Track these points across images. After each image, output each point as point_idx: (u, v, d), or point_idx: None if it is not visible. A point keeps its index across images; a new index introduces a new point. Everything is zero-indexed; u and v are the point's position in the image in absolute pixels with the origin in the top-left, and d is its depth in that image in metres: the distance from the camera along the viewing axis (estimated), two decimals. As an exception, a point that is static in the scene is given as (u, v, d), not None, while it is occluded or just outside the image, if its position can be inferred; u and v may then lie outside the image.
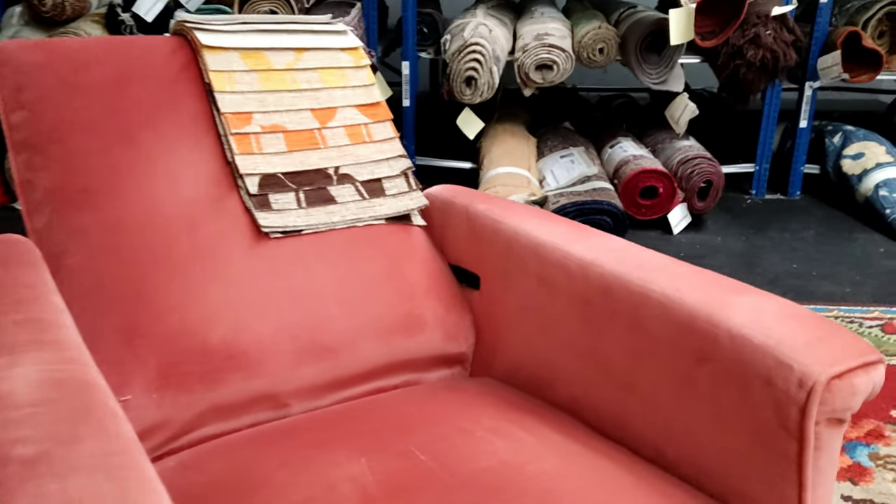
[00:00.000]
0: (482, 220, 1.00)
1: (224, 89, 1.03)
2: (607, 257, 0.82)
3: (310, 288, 0.96)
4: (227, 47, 1.05)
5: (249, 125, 1.02)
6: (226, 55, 1.05)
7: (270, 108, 1.04)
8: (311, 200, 1.01)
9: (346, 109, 1.10)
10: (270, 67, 1.07)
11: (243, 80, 1.05)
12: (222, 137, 1.01)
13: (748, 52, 2.28)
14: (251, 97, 1.04)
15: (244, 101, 1.03)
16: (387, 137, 1.11)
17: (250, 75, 1.05)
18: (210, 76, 1.03)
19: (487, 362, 1.02)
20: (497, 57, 2.46)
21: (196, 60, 1.06)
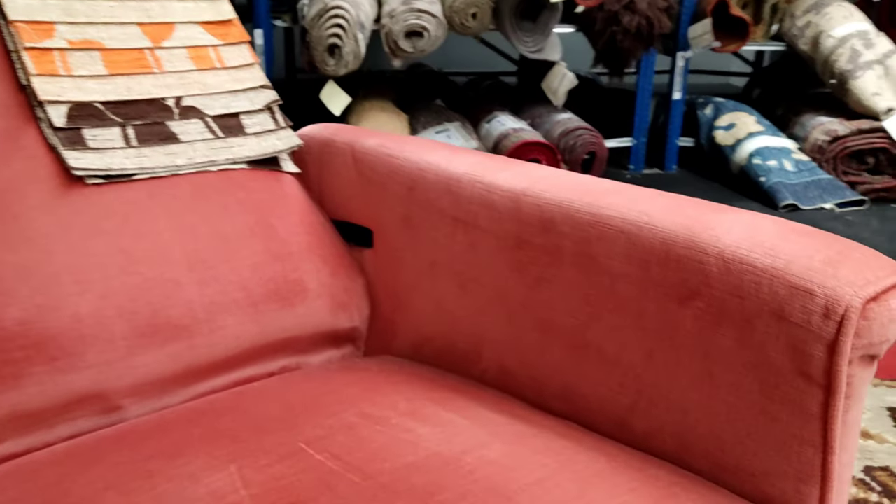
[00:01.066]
0: (373, 159, 0.80)
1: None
2: (544, 184, 0.64)
3: (147, 248, 0.71)
4: None
5: (51, 38, 0.76)
6: None
7: (81, 19, 0.79)
8: (145, 138, 0.77)
9: (187, 26, 0.86)
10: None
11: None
12: (12, 54, 0.74)
13: (624, 18, 2.21)
14: (52, 4, 0.78)
15: (42, 8, 0.77)
16: (244, 63, 0.88)
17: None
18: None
19: (386, 337, 0.81)
20: (361, 23, 2.25)
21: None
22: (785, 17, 2.49)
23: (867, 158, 2.26)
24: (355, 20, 2.21)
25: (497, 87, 3.11)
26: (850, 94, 2.28)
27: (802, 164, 2.22)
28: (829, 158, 2.24)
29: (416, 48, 2.30)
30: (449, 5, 2.30)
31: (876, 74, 2.26)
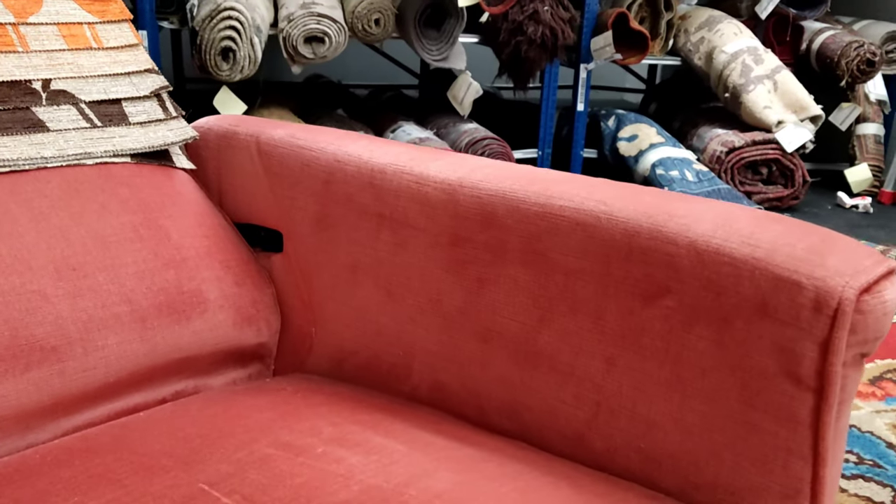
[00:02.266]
0: (283, 152, 0.70)
1: None
2: (482, 174, 0.57)
3: (7, 254, 0.59)
4: None
5: None
6: None
7: None
8: (5, 126, 0.64)
9: (58, 1, 0.74)
10: None
11: None
12: None
13: (528, 28, 2.20)
14: None
15: None
16: (125, 44, 0.77)
17: None
18: None
19: (300, 353, 0.71)
20: (258, 26, 2.13)
21: None
22: (679, 32, 2.56)
23: (761, 169, 2.34)
24: (250, 23, 2.09)
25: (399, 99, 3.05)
26: (743, 107, 2.35)
27: (703, 175, 2.27)
28: (726, 169, 2.30)
29: (316, 54, 2.20)
30: (351, 11, 2.22)
31: (766, 88, 2.35)
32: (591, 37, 2.43)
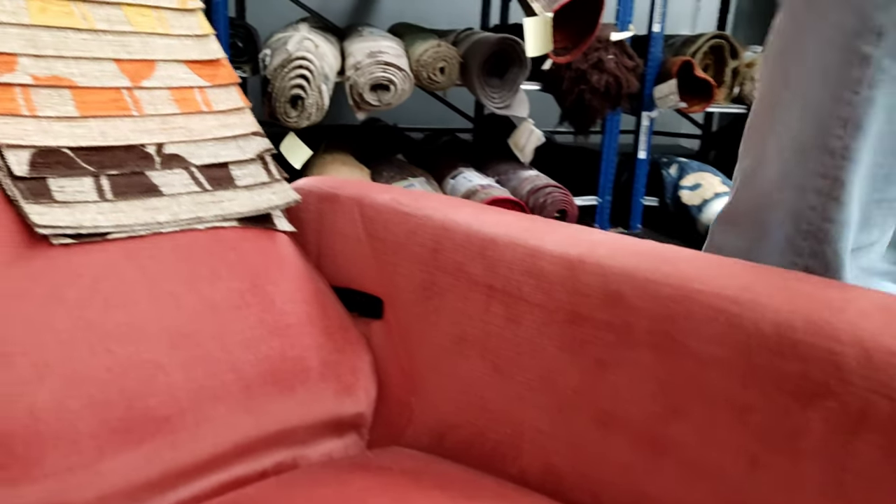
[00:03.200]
0: (387, 218, 0.70)
1: None
2: (605, 250, 0.55)
3: (121, 321, 0.59)
4: None
5: (12, 73, 0.64)
6: None
7: (48, 52, 0.67)
8: (122, 190, 0.65)
9: (170, 65, 0.75)
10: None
11: (1, 7, 0.67)
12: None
13: (592, 76, 2.20)
14: (14, 32, 0.66)
15: (3, 37, 0.65)
16: (233, 107, 0.78)
17: (12, 1, 0.68)
18: None
19: (398, 425, 0.70)
20: (326, 75, 2.17)
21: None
22: (745, 80, 2.53)
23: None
24: (320, 71, 2.13)
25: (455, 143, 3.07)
26: (811, 158, 2.30)
27: (769, 226, 2.22)
28: (794, 220, 2.25)
29: (381, 101, 2.23)
30: (416, 59, 2.25)
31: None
32: (655, 84, 2.41)
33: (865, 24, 0.51)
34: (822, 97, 0.54)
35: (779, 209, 0.58)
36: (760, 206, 0.59)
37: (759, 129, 0.61)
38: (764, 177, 0.59)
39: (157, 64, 0.74)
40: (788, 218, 0.58)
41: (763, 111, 0.60)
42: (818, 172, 0.55)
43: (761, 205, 0.59)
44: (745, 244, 0.61)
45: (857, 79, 0.52)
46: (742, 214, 0.61)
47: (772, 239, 0.59)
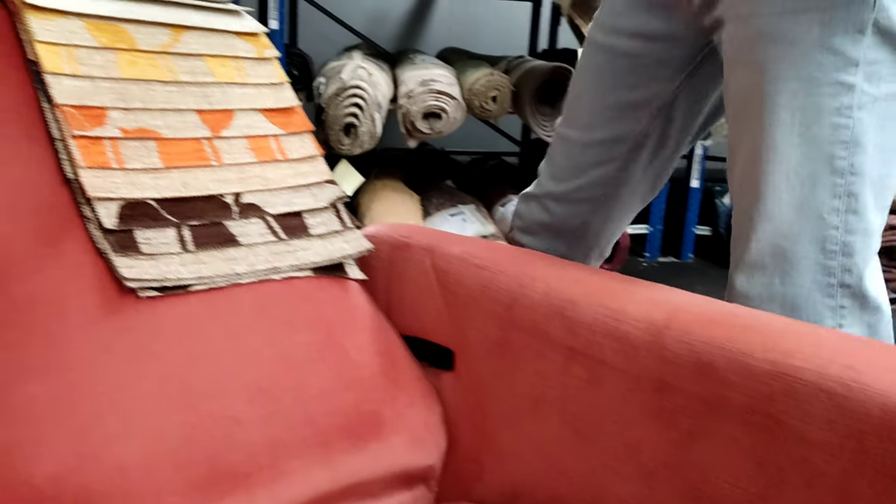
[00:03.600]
0: (460, 270, 0.70)
1: (60, 70, 0.66)
2: (690, 316, 0.54)
3: (204, 376, 0.60)
4: (66, 11, 0.69)
5: (102, 126, 0.66)
6: (64, 22, 0.69)
7: (136, 105, 0.69)
8: (202, 241, 0.66)
9: (247, 114, 0.77)
10: (135, 47, 0.72)
11: (93, 61, 0.68)
12: (57, 143, 0.64)
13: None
14: (105, 86, 0.68)
15: (94, 91, 0.67)
16: (306, 155, 0.79)
17: (104, 55, 0.69)
18: (38, 50, 0.66)
19: (467, 480, 0.69)
20: (379, 103, 2.20)
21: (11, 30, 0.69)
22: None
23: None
24: (373, 100, 2.15)
25: (502, 168, 3.07)
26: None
27: (828, 259, 2.17)
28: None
29: (433, 129, 2.24)
30: (469, 87, 2.26)
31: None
32: (709, 114, 2.38)
33: (845, 60, 0.61)
34: (819, 127, 0.62)
35: (802, 238, 0.63)
36: (782, 241, 0.64)
37: (753, 169, 0.65)
38: (776, 213, 0.63)
39: (236, 113, 0.75)
40: (813, 244, 0.63)
41: (757, 151, 0.64)
42: (832, 194, 0.62)
43: (782, 239, 0.63)
44: (776, 282, 0.64)
45: (847, 105, 0.61)
46: (766, 255, 0.65)
47: (800, 269, 0.64)
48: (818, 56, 0.61)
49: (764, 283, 0.65)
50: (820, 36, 0.61)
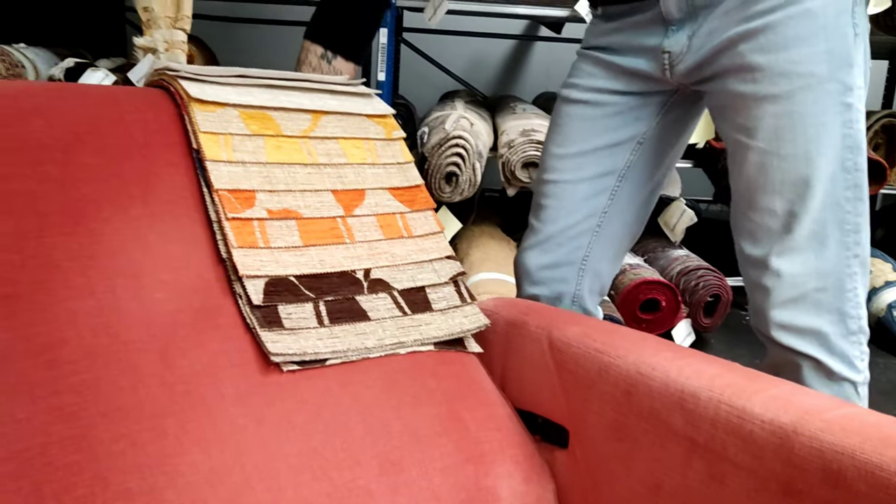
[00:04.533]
0: (577, 353, 0.72)
1: (219, 158, 0.73)
2: (820, 422, 0.55)
3: (338, 448, 0.64)
4: (224, 103, 0.77)
5: (252, 208, 0.73)
6: (222, 113, 0.76)
7: (280, 187, 0.76)
8: (336, 316, 0.71)
9: (377, 193, 0.82)
10: (280, 133, 0.79)
11: (245, 148, 0.76)
12: (214, 224, 0.71)
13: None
14: (255, 171, 0.75)
15: (245, 175, 0.74)
16: (429, 232, 0.83)
17: (254, 141, 0.77)
18: (200, 139, 0.73)
19: (581, 556, 0.71)
20: (480, 152, 2.25)
21: (178, 120, 0.77)
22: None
23: None
24: (474, 150, 2.21)
25: (600, 214, 3.06)
26: None
27: (949, 321, 2.05)
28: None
29: (532, 178, 2.28)
30: (569, 138, 2.29)
31: None
32: (818, 166, 2.32)
33: (844, 84, 0.80)
34: (832, 137, 0.80)
35: (828, 222, 0.81)
36: (816, 227, 0.81)
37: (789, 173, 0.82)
38: (812, 207, 0.81)
39: (367, 192, 0.81)
40: (836, 226, 0.82)
41: (793, 162, 0.81)
42: (846, 185, 0.81)
43: (816, 224, 0.81)
44: (812, 258, 0.82)
45: (849, 119, 0.80)
46: (804, 239, 0.82)
47: (829, 247, 0.82)
48: (829, 84, 0.79)
49: (803, 260, 0.82)
50: (829, 71, 0.79)
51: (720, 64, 0.84)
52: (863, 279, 0.84)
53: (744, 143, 0.83)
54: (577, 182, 0.95)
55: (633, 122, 0.93)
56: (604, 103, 0.93)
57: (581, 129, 0.94)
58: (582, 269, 0.99)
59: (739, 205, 0.87)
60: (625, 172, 0.95)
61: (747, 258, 0.87)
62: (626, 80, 0.92)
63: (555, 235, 0.97)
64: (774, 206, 0.82)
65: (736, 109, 0.84)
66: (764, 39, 0.79)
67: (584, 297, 1.00)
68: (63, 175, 0.69)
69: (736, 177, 0.86)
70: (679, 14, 0.85)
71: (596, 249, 0.98)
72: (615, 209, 0.97)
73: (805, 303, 0.82)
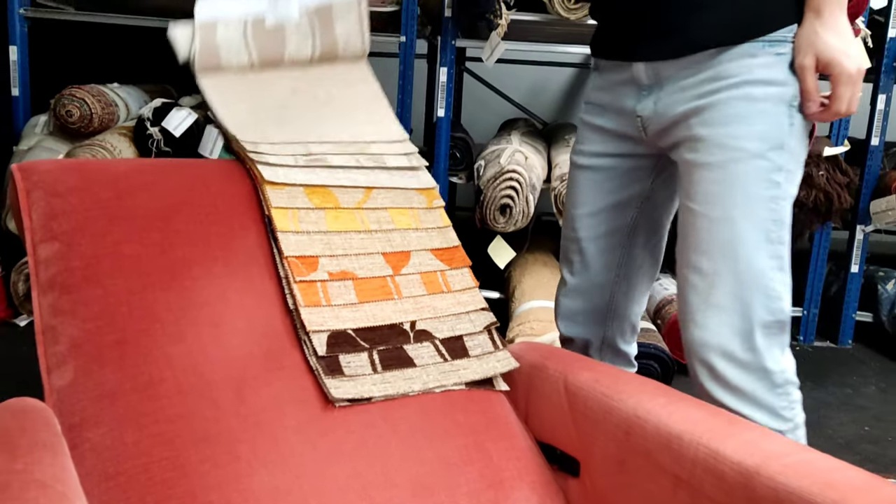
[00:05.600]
0: (587, 395, 0.83)
1: (288, 229, 0.88)
2: (778, 465, 0.65)
3: (378, 472, 0.77)
4: (291, 184, 0.92)
5: (316, 272, 0.87)
6: (290, 191, 0.91)
7: (338, 252, 0.90)
8: (388, 363, 0.85)
9: (420, 254, 0.96)
10: (338, 206, 0.94)
11: (309, 219, 0.91)
12: (283, 283, 0.86)
13: (800, 192, 2.18)
14: (317, 238, 0.90)
15: (310, 243, 0.89)
16: (466, 287, 0.96)
17: (317, 213, 0.91)
18: (273, 213, 0.88)
19: (588, 573, 0.82)
20: (533, 185, 2.37)
21: (255, 191, 0.92)
22: (978, 194, 2.36)
23: None
24: (528, 183, 2.32)
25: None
26: None
27: None
28: None
29: (584, 210, 2.37)
30: (619, 172, 2.37)
31: None
32: (871, 198, 2.34)
33: (774, 164, 0.86)
34: (757, 207, 0.87)
35: (751, 286, 0.88)
36: (740, 286, 0.88)
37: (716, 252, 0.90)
38: (735, 268, 0.88)
39: (412, 253, 0.94)
40: (759, 291, 0.88)
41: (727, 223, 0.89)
42: (769, 255, 0.88)
43: (740, 284, 0.88)
44: (737, 318, 0.89)
45: (775, 195, 0.87)
46: (730, 295, 0.90)
47: (753, 308, 0.88)
48: (758, 161, 0.87)
49: (727, 320, 0.89)
50: (760, 149, 0.86)
51: (676, 134, 0.92)
52: (784, 339, 0.90)
53: (685, 206, 0.92)
54: (594, 239, 1.05)
55: (631, 184, 1.03)
56: (604, 168, 1.02)
57: (589, 191, 1.04)
58: (609, 315, 1.09)
59: (678, 261, 0.94)
60: (634, 227, 1.05)
61: (680, 311, 0.93)
62: (617, 143, 1.01)
63: (580, 287, 1.07)
64: (702, 265, 0.89)
65: (682, 175, 0.93)
66: (708, 115, 0.88)
67: (614, 338, 1.10)
68: (162, 240, 0.85)
69: (679, 237, 0.94)
70: (647, 80, 0.94)
71: (619, 296, 1.09)
72: (630, 259, 1.06)
73: (730, 361, 0.87)
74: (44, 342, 0.75)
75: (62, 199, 0.83)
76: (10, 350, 1.98)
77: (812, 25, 0.86)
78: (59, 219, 0.82)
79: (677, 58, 0.91)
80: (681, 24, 0.90)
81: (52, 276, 0.79)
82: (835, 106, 0.85)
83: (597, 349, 1.10)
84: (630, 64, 0.95)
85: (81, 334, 0.76)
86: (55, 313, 0.76)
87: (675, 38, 0.91)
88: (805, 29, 0.86)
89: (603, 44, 1.02)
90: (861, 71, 0.84)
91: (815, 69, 0.85)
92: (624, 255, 1.06)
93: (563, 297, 1.11)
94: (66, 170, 0.87)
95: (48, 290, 0.78)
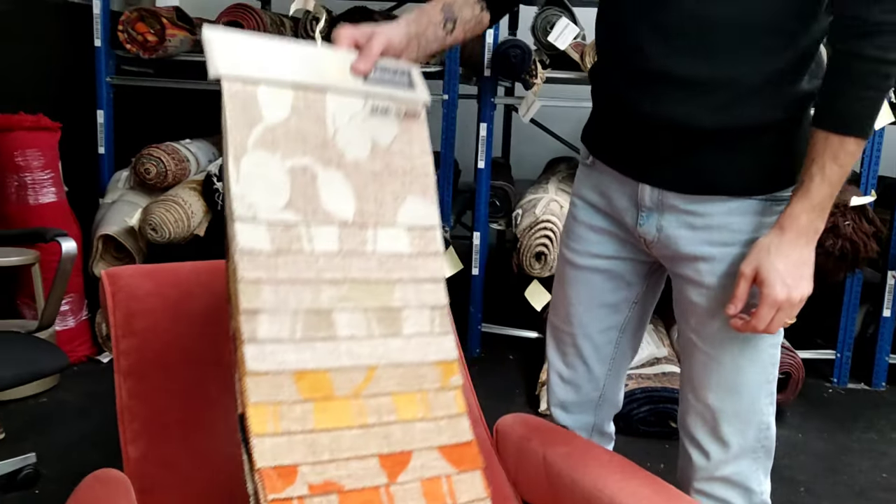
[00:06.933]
0: (560, 468, 0.99)
1: (264, 431, 0.72)
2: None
3: None
4: (278, 371, 0.74)
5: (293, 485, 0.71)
6: (275, 378, 0.74)
7: (324, 457, 0.74)
8: None
9: (424, 453, 0.80)
10: (331, 394, 0.77)
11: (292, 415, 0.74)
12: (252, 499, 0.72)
13: (826, 241, 2.25)
14: (299, 440, 0.73)
15: (289, 448, 0.73)
16: (474, 499, 0.81)
17: (303, 407, 0.75)
18: (248, 411, 0.71)
19: None
20: (569, 232, 2.50)
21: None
22: None
23: None
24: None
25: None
26: None
27: None
28: None
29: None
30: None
31: None
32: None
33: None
34: (759, 353, 0.97)
35: (750, 423, 1.00)
36: (741, 422, 1.00)
37: None
38: (738, 408, 1.00)
39: (414, 453, 0.79)
40: (755, 427, 1.00)
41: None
42: (766, 393, 1.00)
43: (742, 421, 1.00)
44: (736, 448, 1.01)
45: (774, 342, 0.96)
46: (732, 429, 1.01)
47: (748, 439, 1.00)
48: None
49: (727, 450, 1.00)
50: None
51: (682, 266, 0.97)
52: (768, 464, 1.01)
53: (689, 337, 1.00)
54: (588, 336, 1.10)
55: (627, 286, 1.07)
56: (601, 269, 1.05)
57: (584, 291, 1.07)
58: (599, 403, 1.16)
59: (685, 386, 1.03)
60: (625, 326, 1.11)
61: (685, 431, 1.03)
62: (615, 246, 1.04)
63: (573, 379, 1.14)
64: (709, 400, 0.99)
65: (685, 302, 0.99)
66: (718, 266, 0.93)
67: (602, 423, 1.18)
68: (213, 333, 1.05)
69: (685, 365, 1.03)
70: (650, 203, 0.96)
71: (609, 385, 1.16)
72: (620, 353, 1.14)
73: (722, 481, 1.00)
74: (122, 420, 0.97)
75: (140, 301, 1.04)
76: (94, 384, 2.26)
77: (770, 239, 0.87)
78: (137, 318, 1.03)
79: (693, 194, 0.92)
80: (704, 164, 0.91)
81: (130, 364, 1.00)
82: (753, 322, 0.88)
83: (587, 435, 1.18)
84: (635, 182, 0.97)
85: (152, 413, 0.97)
86: (132, 396, 0.98)
87: (695, 175, 0.92)
88: (763, 240, 0.88)
89: (605, 147, 1.02)
90: (794, 301, 0.86)
91: (751, 280, 0.88)
92: (616, 350, 1.13)
93: (556, 385, 1.16)
94: (143, 275, 1.08)
95: (127, 377, 0.99)
